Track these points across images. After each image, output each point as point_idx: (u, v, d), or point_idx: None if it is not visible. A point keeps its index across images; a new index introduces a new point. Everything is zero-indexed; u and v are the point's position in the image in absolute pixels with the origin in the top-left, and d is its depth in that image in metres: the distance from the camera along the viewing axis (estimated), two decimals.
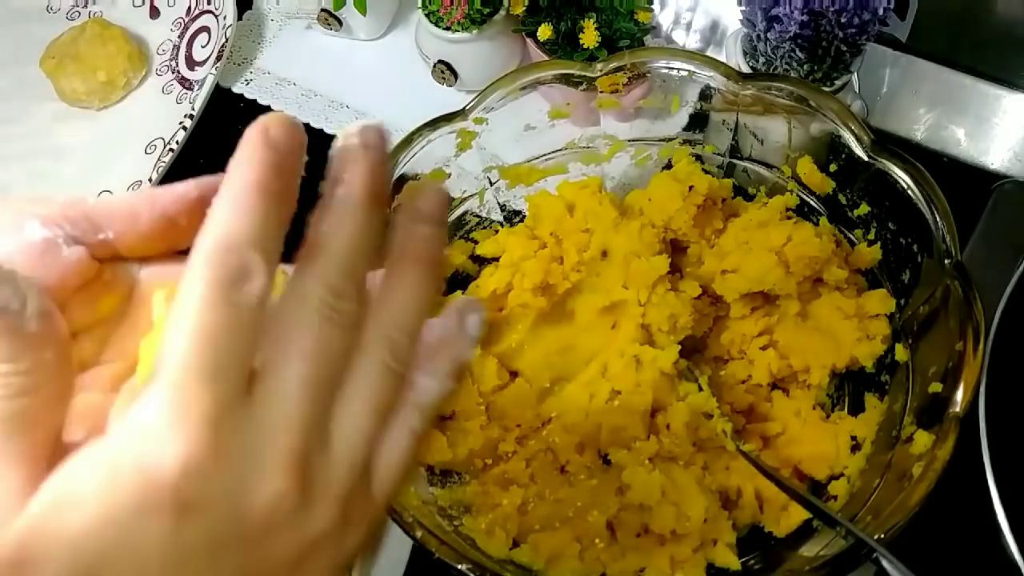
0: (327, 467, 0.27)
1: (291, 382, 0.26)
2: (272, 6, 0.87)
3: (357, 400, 0.27)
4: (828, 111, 0.57)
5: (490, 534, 0.55)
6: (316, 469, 0.26)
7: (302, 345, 0.26)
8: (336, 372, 0.27)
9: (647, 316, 0.60)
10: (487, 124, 0.60)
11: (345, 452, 0.27)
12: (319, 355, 0.26)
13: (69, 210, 0.30)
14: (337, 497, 0.27)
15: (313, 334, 0.26)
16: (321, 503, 0.27)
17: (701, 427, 0.59)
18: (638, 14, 0.70)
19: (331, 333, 0.26)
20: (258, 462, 0.25)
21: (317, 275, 0.27)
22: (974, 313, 0.50)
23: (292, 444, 0.26)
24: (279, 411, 0.26)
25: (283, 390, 0.26)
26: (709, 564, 0.55)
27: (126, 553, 0.24)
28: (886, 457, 0.54)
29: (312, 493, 0.26)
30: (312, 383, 0.26)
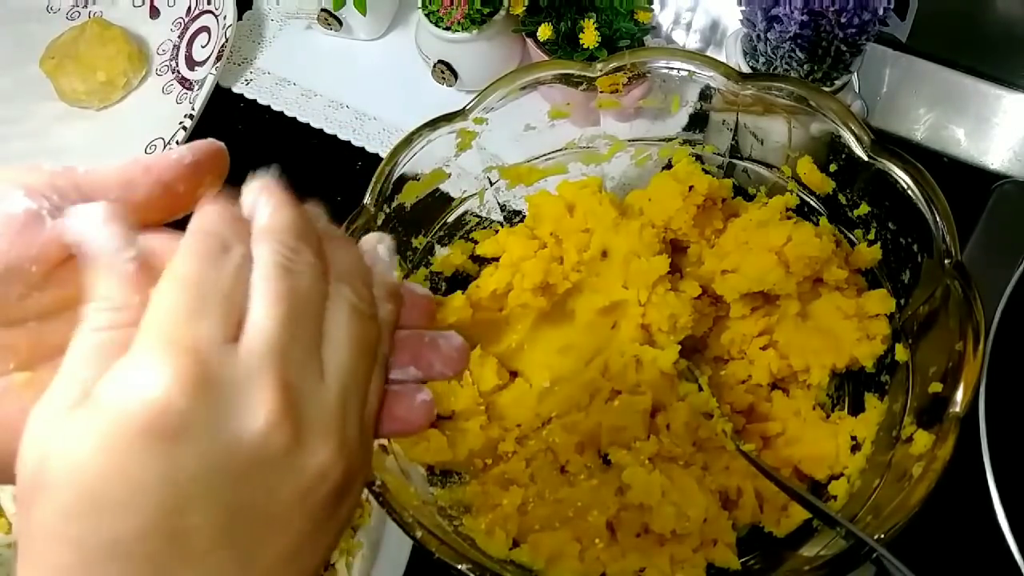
0: (316, 400, 0.27)
1: (268, 320, 0.27)
2: (272, 6, 0.87)
3: (335, 337, 0.28)
4: (828, 111, 0.57)
5: (490, 534, 0.55)
6: (305, 401, 0.27)
7: (271, 288, 0.27)
8: (309, 310, 0.28)
9: (647, 316, 0.60)
10: (487, 124, 0.60)
11: (332, 385, 0.28)
12: (287, 295, 0.27)
13: (57, 179, 0.29)
14: (330, 429, 0.28)
15: (278, 279, 0.28)
16: (315, 435, 0.27)
17: (701, 427, 0.59)
18: (638, 14, 0.70)
19: (294, 278, 0.28)
20: (245, 393, 0.26)
21: (270, 237, 0.28)
22: (974, 313, 0.50)
23: (276, 375, 0.26)
24: (259, 345, 0.26)
25: (260, 328, 0.27)
26: (709, 564, 0.55)
27: (123, 483, 0.24)
28: (886, 457, 0.54)
29: (303, 425, 0.27)
30: (287, 319, 0.27)
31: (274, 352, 0.26)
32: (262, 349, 0.26)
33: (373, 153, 0.79)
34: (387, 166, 0.57)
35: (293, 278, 0.28)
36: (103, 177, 0.30)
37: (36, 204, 0.28)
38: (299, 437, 0.27)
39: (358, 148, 0.80)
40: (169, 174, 0.30)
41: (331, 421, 0.28)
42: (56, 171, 0.29)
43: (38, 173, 0.29)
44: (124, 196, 0.29)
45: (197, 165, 0.30)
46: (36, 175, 0.29)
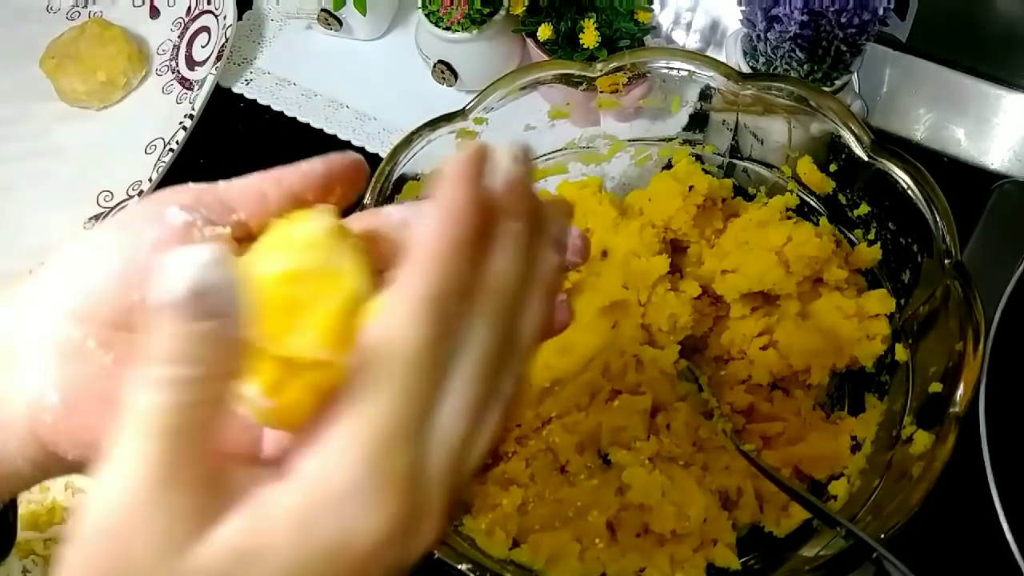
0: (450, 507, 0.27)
1: (458, 438, 0.25)
2: (272, 6, 0.87)
3: (488, 426, 0.27)
4: (828, 111, 0.57)
5: (490, 534, 0.55)
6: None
7: (475, 399, 0.25)
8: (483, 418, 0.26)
9: (647, 316, 0.60)
10: (487, 124, 0.60)
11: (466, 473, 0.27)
12: (481, 406, 0.26)
13: (203, 195, 0.31)
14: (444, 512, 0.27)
15: (483, 386, 0.26)
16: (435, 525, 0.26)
17: (701, 427, 0.59)
18: (638, 14, 0.70)
19: (492, 382, 0.26)
20: (424, 518, 0.25)
21: (492, 318, 0.26)
22: (974, 313, 0.50)
23: (444, 496, 0.25)
24: (444, 464, 0.25)
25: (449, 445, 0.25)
26: (709, 564, 0.55)
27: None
28: (886, 457, 0.54)
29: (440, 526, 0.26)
30: (472, 435, 0.26)
31: (450, 476, 0.25)
32: (441, 474, 0.25)
33: (373, 153, 0.79)
34: (387, 166, 0.57)
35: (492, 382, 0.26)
36: (241, 190, 0.32)
37: (192, 217, 0.31)
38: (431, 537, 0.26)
39: (358, 148, 0.80)
40: (300, 186, 0.32)
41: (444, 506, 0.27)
42: (201, 188, 0.32)
43: (186, 191, 0.32)
44: (259, 207, 0.32)
45: (328, 177, 0.32)
46: (184, 193, 0.32)
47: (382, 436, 0.24)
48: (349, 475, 0.24)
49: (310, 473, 0.24)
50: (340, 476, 0.24)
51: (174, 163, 0.75)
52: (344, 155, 0.33)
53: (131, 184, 0.76)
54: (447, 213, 0.25)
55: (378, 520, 0.24)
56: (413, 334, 0.24)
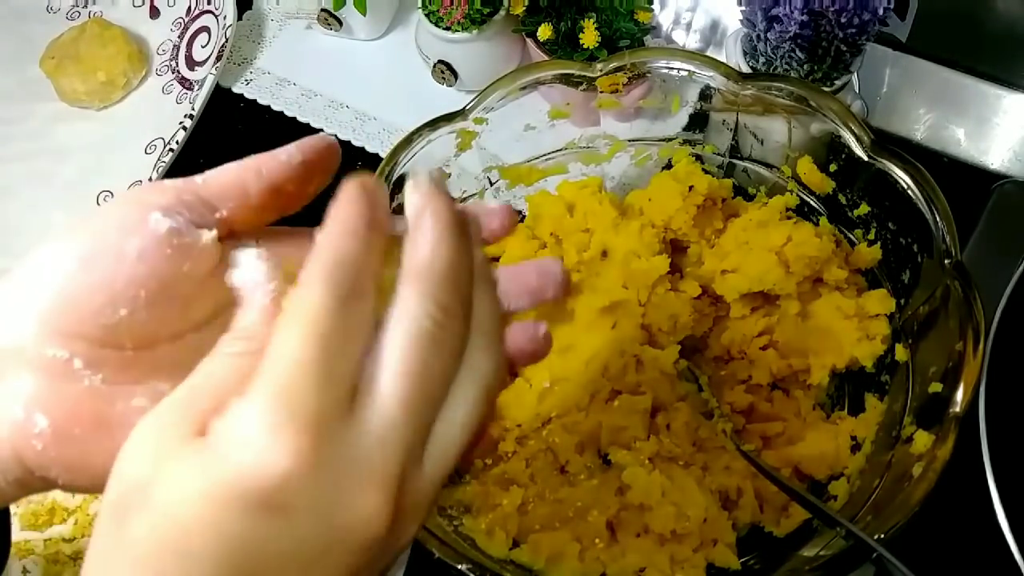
0: (418, 488, 0.27)
1: (394, 402, 0.26)
2: (272, 6, 0.87)
3: (455, 420, 0.27)
4: (828, 111, 0.57)
5: (490, 534, 0.55)
6: (408, 490, 0.26)
7: (408, 367, 0.26)
8: (438, 394, 0.27)
9: (647, 316, 0.60)
10: (487, 124, 0.60)
11: (436, 473, 0.27)
12: (423, 374, 0.26)
13: (184, 194, 0.30)
14: (420, 517, 0.27)
15: (418, 353, 0.26)
16: (408, 525, 0.27)
17: (701, 427, 0.59)
18: (638, 14, 0.70)
19: (436, 354, 0.26)
20: (355, 477, 0.25)
21: (424, 293, 0.26)
22: (974, 313, 0.50)
23: (389, 464, 0.26)
24: (380, 430, 0.25)
25: (386, 409, 0.26)
26: (709, 564, 0.55)
27: (216, 540, 0.24)
28: (886, 457, 0.54)
29: (402, 515, 0.26)
30: (415, 405, 0.26)
31: (392, 440, 0.26)
32: (379, 435, 0.25)
33: (373, 153, 0.79)
34: (387, 166, 0.57)
35: (434, 354, 0.26)
36: (221, 186, 0.31)
37: (175, 221, 0.29)
38: (396, 524, 0.26)
39: (358, 148, 0.80)
40: (280, 176, 0.31)
41: (425, 505, 0.27)
42: (179, 186, 0.30)
43: (163, 190, 0.30)
44: (241, 202, 0.31)
45: (306, 164, 0.31)
46: (163, 193, 0.30)
47: (285, 374, 0.25)
48: (256, 411, 0.24)
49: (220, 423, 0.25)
50: (248, 414, 0.24)
51: (174, 163, 0.75)
52: (318, 139, 0.32)
53: (131, 184, 0.76)
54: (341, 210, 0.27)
55: (279, 453, 0.24)
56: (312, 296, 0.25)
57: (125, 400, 0.29)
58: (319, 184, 0.32)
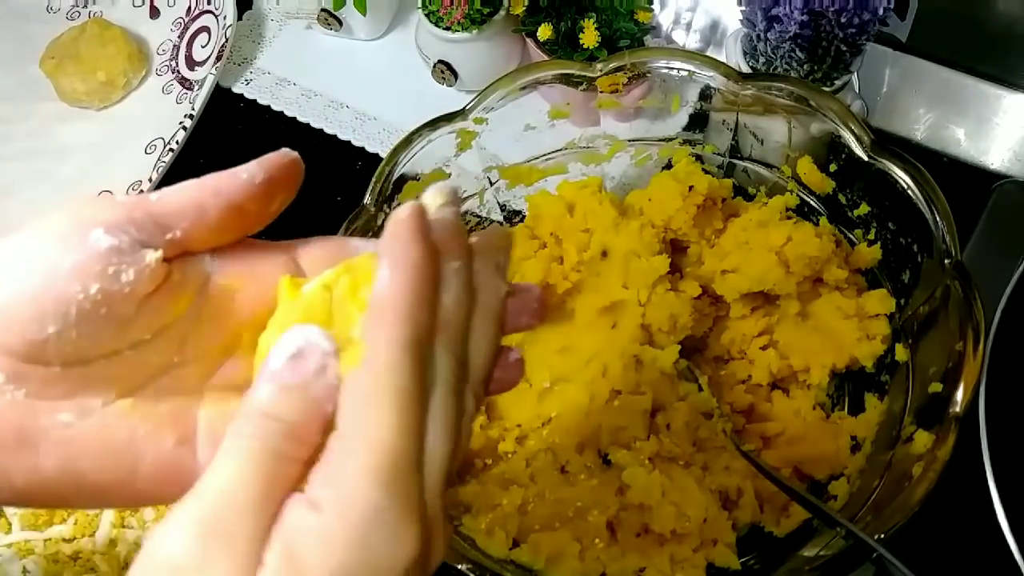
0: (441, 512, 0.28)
1: (444, 459, 0.27)
2: (272, 6, 0.87)
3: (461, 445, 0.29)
4: (828, 111, 0.57)
5: (490, 534, 0.55)
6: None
7: (450, 422, 0.27)
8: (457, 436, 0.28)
9: (647, 316, 0.60)
10: (487, 124, 0.60)
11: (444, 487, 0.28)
12: (455, 427, 0.27)
13: (134, 212, 0.28)
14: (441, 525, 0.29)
15: (453, 409, 0.27)
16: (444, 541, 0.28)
17: (701, 427, 0.59)
18: (638, 14, 0.70)
19: (458, 404, 0.28)
20: (434, 535, 0.27)
21: (447, 348, 0.28)
22: (974, 313, 0.50)
23: (442, 510, 0.27)
24: (439, 484, 0.27)
25: (440, 467, 0.27)
26: (709, 564, 0.55)
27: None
28: (886, 457, 0.54)
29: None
30: (453, 453, 0.27)
31: (440, 488, 0.27)
32: (438, 493, 0.27)
33: (373, 153, 0.79)
34: (387, 166, 0.57)
35: (458, 404, 0.28)
36: (175, 205, 0.29)
37: (118, 240, 0.28)
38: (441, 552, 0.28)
39: (358, 148, 0.80)
40: (240, 196, 0.29)
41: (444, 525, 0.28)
42: (129, 202, 0.29)
43: (112, 206, 0.28)
44: (197, 222, 0.29)
45: (269, 183, 0.30)
46: (111, 209, 0.28)
47: (393, 465, 0.25)
48: (373, 503, 0.25)
49: (335, 501, 0.25)
50: (365, 504, 0.25)
51: (174, 163, 0.75)
52: (281, 156, 0.30)
53: (131, 184, 0.76)
54: (404, 268, 0.27)
55: (404, 544, 0.25)
56: (401, 374, 0.26)
57: (50, 415, 0.28)
58: (283, 202, 0.31)
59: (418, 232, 0.27)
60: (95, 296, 0.27)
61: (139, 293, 0.28)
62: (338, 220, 0.56)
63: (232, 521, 0.24)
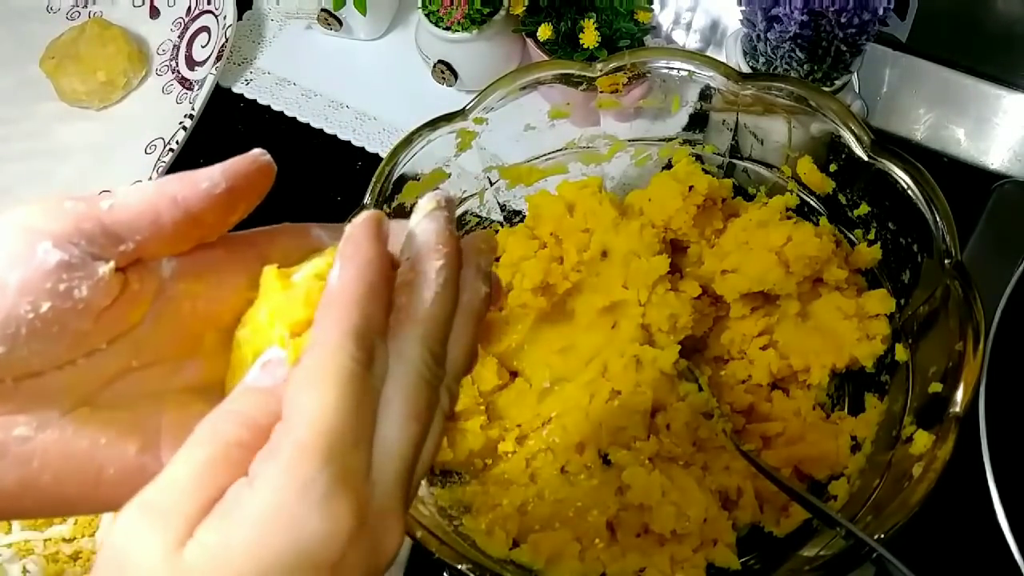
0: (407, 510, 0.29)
1: (405, 445, 0.27)
2: (272, 6, 0.87)
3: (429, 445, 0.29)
4: (828, 111, 0.57)
5: (490, 534, 0.55)
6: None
7: (412, 408, 0.28)
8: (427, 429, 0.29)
9: (647, 316, 0.60)
10: (487, 124, 0.60)
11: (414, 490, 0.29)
12: (421, 415, 0.28)
13: (84, 223, 0.27)
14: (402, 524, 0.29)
15: (421, 397, 0.28)
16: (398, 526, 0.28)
17: (701, 427, 0.59)
18: (638, 14, 0.70)
19: (429, 395, 0.28)
20: (387, 519, 0.27)
21: (422, 340, 0.28)
22: (974, 313, 0.50)
23: (401, 499, 0.27)
24: (396, 473, 0.27)
25: (398, 452, 0.27)
26: (709, 564, 0.55)
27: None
28: (886, 457, 0.54)
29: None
30: (415, 442, 0.28)
31: (403, 481, 0.27)
32: (394, 479, 0.27)
33: (373, 153, 0.79)
34: (387, 166, 0.57)
35: (429, 394, 0.28)
36: (129, 215, 0.27)
37: (67, 254, 0.26)
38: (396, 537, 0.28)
39: (358, 148, 0.80)
40: (199, 205, 0.28)
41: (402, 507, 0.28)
42: (79, 212, 0.27)
43: (60, 216, 0.27)
44: (152, 233, 0.28)
45: (230, 192, 0.28)
46: (60, 219, 0.27)
47: (327, 441, 0.25)
48: (302, 477, 0.25)
49: (267, 476, 0.25)
50: (294, 478, 0.25)
51: (174, 163, 0.75)
52: (248, 163, 0.29)
53: (131, 184, 0.76)
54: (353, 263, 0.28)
55: (332, 517, 0.25)
56: (342, 355, 0.26)
57: (5, 430, 0.27)
58: (245, 210, 0.29)
59: (369, 234, 0.28)
60: (46, 314, 0.26)
61: (94, 308, 0.27)
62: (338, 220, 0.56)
63: (169, 500, 0.25)
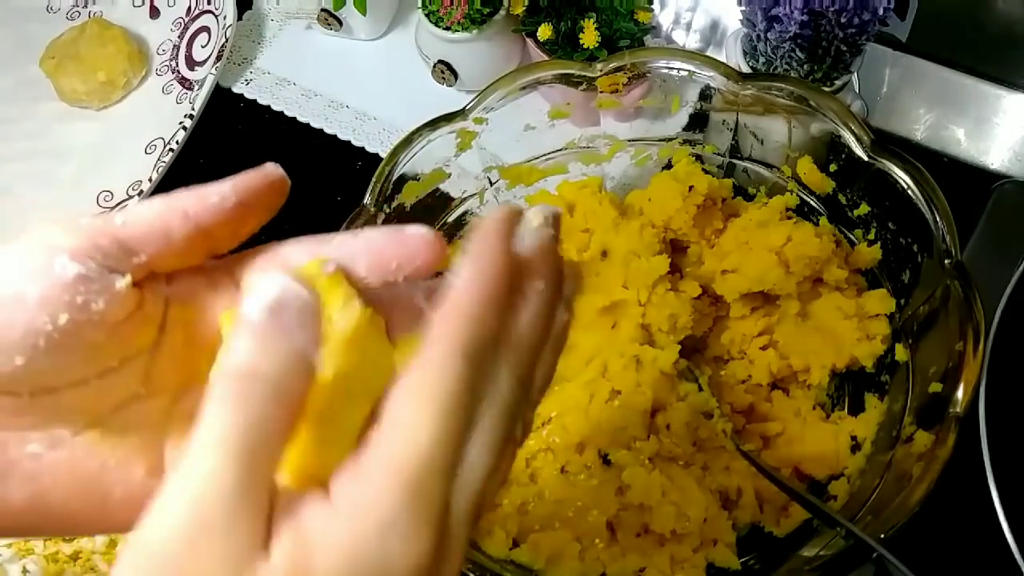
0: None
1: (482, 474, 0.26)
2: (272, 6, 0.87)
3: (503, 470, 0.28)
4: (828, 111, 0.57)
5: (490, 534, 0.55)
6: None
7: (497, 439, 0.26)
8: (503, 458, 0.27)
9: (647, 316, 0.60)
10: (487, 124, 0.60)
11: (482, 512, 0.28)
12: (496, 447, 0.26)
13: (99, 238, 0.27)
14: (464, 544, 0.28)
15: (505, 427, 0.26)
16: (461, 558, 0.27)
17: (701, 427, 0.59)
18: (638, 14, 0.70)
19: (512, 425, 0.27)
20: (451, 552, 0.26)
21: (515, 367, 0.27)
22: (974, 313, 0.50)
23: (468, 530, 0.26)
24: (469, 500, 0.26)
25: (476, 481, 0.26)
26: (709, 564, 0.55)
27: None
28: (886, 457, 0.54)
29: None
30: (492, 473, 0.26)
31: (474, 512, 0.26)
32: (467, 509, 0.26)
33: (373, 153, 0.79)
34: (387, 166, 0.57)
35: (511, 425, 0.27)
36: (142, 228, 0.28)
37: (84, 267, 0.27)
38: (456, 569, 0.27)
39: (358, 148, 0.80)
40: (209, 220, 0.28)
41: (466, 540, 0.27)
42: (95, 228, 0.28)
43: (76, 232, 0.27)
44: (164, 246, 0.28)
45: (241, 207, 0.28)
46: (75, 235, 0.27)
47: (420, 471, 0.24)
48: (390, 506, 0.24)
49: (353, 501, 0.24)
50: (382, 507, 0.24)
51: (174, 163, 0.75)
52: (262, 175, 0.29)
53: (131, 184, 0.76)
54: (482, 269, 0.26)
55: (414, 551, 0.24)
56: (452, 378, 0.25)
57: (18, 446, 0.27)
58: (256, 224, 0.29)
59: (506, 236, 0.27)
60: (64, 327, 0.26)
61: (110, 321, 0.27)
62: (338, 220, 0.56)
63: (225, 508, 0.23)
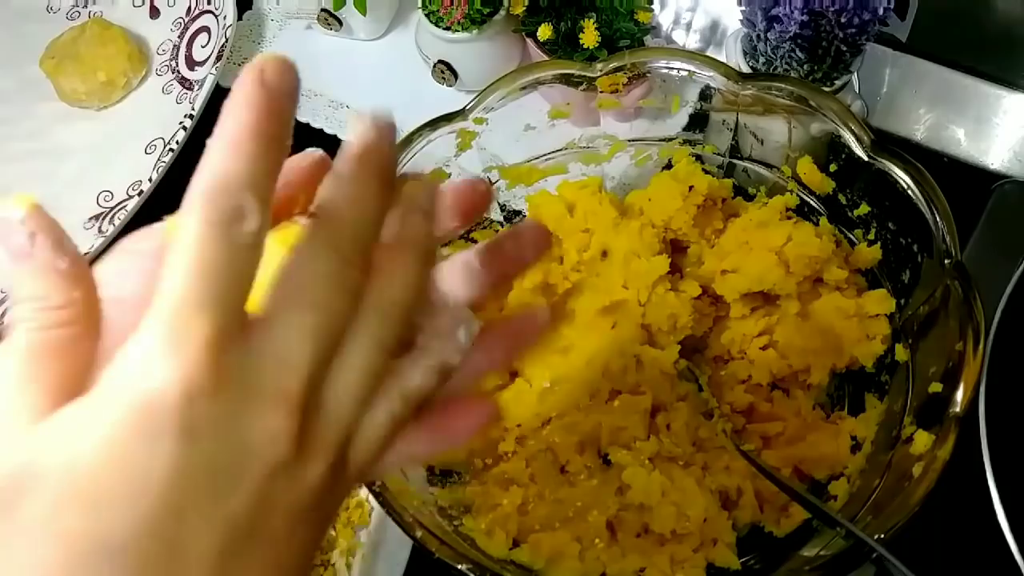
0: (319, 420, 0.27)
1: (294, 329, 0.26)
2: (272, 6, 0.87)
3: (350, 364, 0.27)
4: (828, 111, 0.57)
5: (490, 534, 0.55)
6: (310, 419, 0.26)
7: (308, 299, 0.26)
8: (335, 331, 0.27)
9: (647, 316, 0.60)
10: (487, 124, 0.60)
11: (335, 410, 0.27)
12: (322, 311, 0.26)
13: None
14: (326, 453, 0.27)
15: (319, 292, 0.27)
16: (313, 456, 0.27)
17: (701, 427, 0.59)
18: (638, 14, 0.70)
19: (336, 295, 0.27)
20: (257, 395, 0.25)
21: (329, 239, 0.27)
22: (974, 313, 0.50)
23: (290, 386, 0.26)
24: (280, 352, 0.26)
25: (285, 335, 0.26)
26: (709, 564, 0.55)
27: (125, 477, 0.24)
28: (886, 457, 0.54)
29: (305, 442, 0.26)
30: (313, 334, 0.26)
31: (292, 363, 0.26)
32: (279, 357, 0.26)
33: None
34: None
35: (335, 290, 0.27)
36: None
37: None
38: (300, 452, 0.26)
39: None
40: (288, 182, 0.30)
41: (327, 443, 0.27)
42: None
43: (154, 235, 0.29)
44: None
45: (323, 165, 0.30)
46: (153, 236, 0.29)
47: (172, 305, 0.25)
48: (148, 341, 0.24)
49: (117, 357, 0.25)
50: (141, 345, 0.25)
51: (174, 163, 0.75)
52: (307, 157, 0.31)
53: (131, 184, 0.76)
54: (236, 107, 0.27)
55: (180, 370, 0.24)
56: (193, 217, 0.25)
57: None
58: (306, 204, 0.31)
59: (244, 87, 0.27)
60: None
61: None
62: None
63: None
